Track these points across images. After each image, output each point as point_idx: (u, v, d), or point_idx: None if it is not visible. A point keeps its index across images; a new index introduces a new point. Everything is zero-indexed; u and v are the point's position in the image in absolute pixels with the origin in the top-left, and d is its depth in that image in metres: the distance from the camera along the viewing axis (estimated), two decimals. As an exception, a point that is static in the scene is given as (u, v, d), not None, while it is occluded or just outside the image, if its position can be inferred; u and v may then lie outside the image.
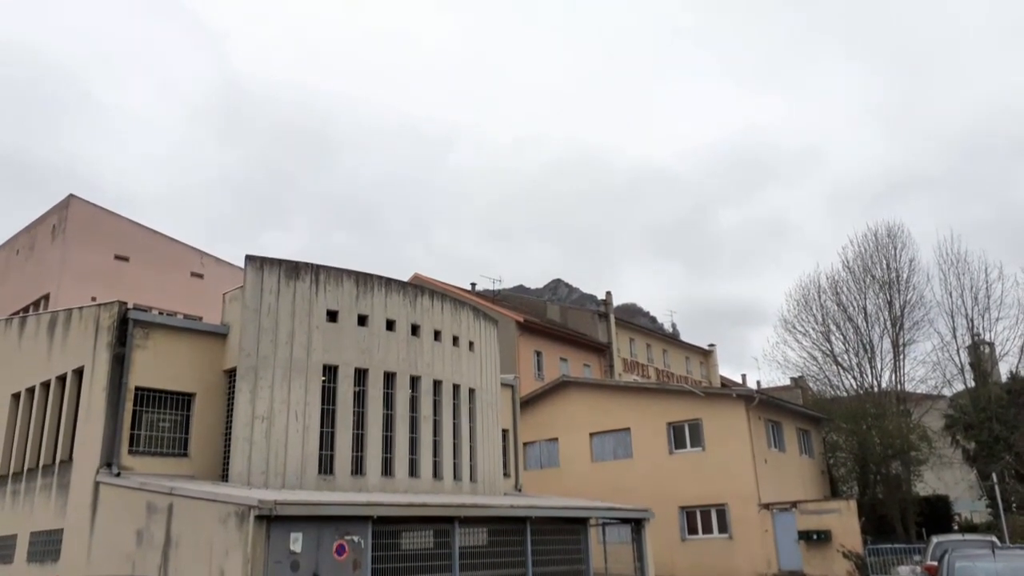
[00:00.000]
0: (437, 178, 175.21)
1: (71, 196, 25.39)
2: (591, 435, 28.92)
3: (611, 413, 28.65)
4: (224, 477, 15.60)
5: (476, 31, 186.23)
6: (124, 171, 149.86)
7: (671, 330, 62.67)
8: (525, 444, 27.29)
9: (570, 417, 29.47)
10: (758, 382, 45.69)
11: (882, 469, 30.25)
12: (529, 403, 29.38)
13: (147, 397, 15.52)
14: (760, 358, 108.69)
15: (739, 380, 55.57)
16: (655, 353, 46.74)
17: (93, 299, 20.40)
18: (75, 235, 24.82)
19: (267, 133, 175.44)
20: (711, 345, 52.89)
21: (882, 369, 31.84)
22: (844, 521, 23.89)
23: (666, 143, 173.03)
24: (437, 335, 18.98)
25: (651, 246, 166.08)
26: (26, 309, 24.38)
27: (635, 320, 59.71)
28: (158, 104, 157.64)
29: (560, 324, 43.41)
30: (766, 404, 27.38)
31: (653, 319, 79.36)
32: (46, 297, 24.25)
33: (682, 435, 27.16)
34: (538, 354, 37.24)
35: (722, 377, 52.81)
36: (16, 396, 18.18)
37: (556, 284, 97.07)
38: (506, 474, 22.38)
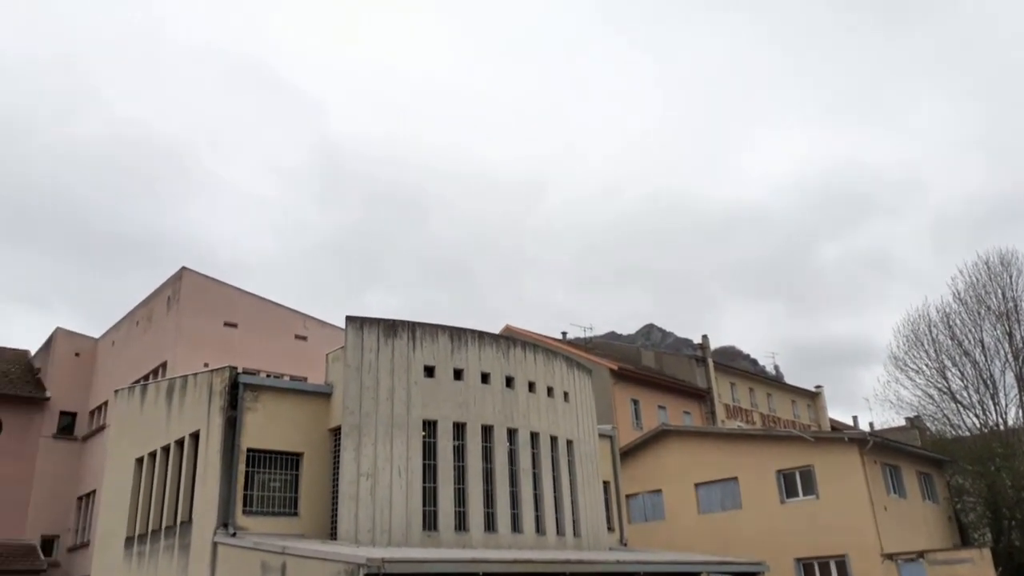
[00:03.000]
0: (526, 229, 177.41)
1: (183, 268, 27.05)
2: (696, 485, 28.00)
3: (716, 462, 27.70)
4: (333, 535, 15.90)
5: (559, 80, 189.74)
6: (233, 240, 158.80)
7: (774, 372, 60.48)
8: (628, 496, 26.67)
9: (673, 467, 28.67)
10: (871, 424, 43.35)
11: (1017, 513, 27.95)
12: (629, 454, 28.80)
13: (258, 458, 16.09)
14: (871, 398, 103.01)
15: (850, 422, 52.82)
16: (759, 397, 45.11)
17: (205, 365, 21.46)
18: (188, 305, 26.36)
19: (363, 194, 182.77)
20: (818, 387, 50.62)
21: (1007, 405, 29.71)
22: (978, 571, 22.12)
23: (759, 181, 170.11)
24: (531, 386, 18.99)
25: (748, 287, 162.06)
26: (146, 377, 25.89)
27: (735, 363, 57.95)
28: (262, 174, 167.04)
29: (656, 370, 42.61)
30: (881, 447, 25.87)
31: (754, 361, 76.79)
32: (164, 365, 25.71)
33: (793, 483, 25.94)
34: (635, 402, 36.59)
35: (832, 420, 50.35)
36: (140, 460, 19.18)
37: (649, 329, 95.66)
38: (610, 528, 21.88)
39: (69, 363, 30.12)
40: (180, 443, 17.73)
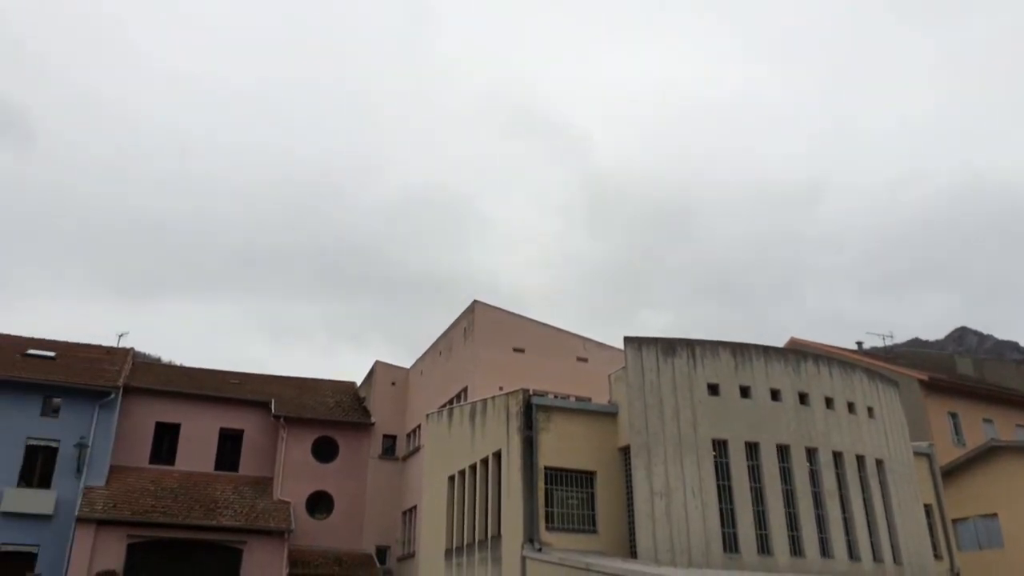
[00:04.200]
0: (803, 235, 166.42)
1: (475, 302, 29.45)
2: (1043, 509, 23.96)
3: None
4: (632, 553, 16.13)
5: (821, 76, 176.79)
6: (513, 273, 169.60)
7: None
8: (954, 521, 23.62)
9: (1010, 488, 24.83)
10: None
11: None
12: (951, 473, 25.50)
13: (555, 476, 16.90)
14: None
15: None
16: (1117, 406, 37.43)
17: (500, 388, 23.03)
18: (481, 334, 28.61)
19: (630, 216, 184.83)
20: None
21: None
22: None
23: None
24: (829, 403, 17.75)
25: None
26: (451, 401, 28.48)
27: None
28: (537, 211, 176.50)
29: (976, 379, 37.33)
30: None
31: (1105, 363, 64.01)
32: (465, 390, 28.12)
33: None
34: (953, 416, 32.32)
35: None
36: (451, 478, 21.09)
37: (961, 333, 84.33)
38: (937, 556, 19.57)
39: (387, 391, 34.14)
40: (484, 462, 19.19)
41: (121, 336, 34.13)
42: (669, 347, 17.29)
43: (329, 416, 32.70)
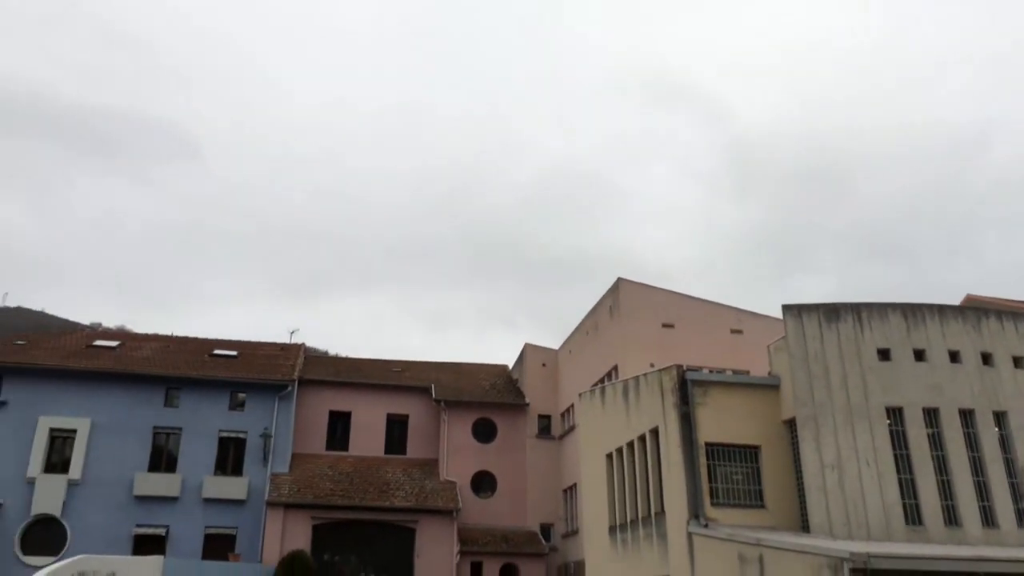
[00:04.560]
0: (973, 183, 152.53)
1: (619, 279, 29.28)
2: None
3: None
4: (804, 528, 15.63)
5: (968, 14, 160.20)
6: (659, 248, 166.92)
7: None
8: None
9: None
10: None
11: None
12: None
13: (717, 451, 16.62)
14: None
15: None
16: None
17: (651, 365, 22.84)
18: (627, 312, 28.45)
19: (779, 180, 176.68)
20: None
21: None
22: None
23: None
24: (1018, 362, 16.33)
25: None
26: (601, 380, 28.57)
27: None
28: (677, 181, 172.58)
29: None
30: None
31: None
32: (615, 368, 28.12)
33: None
34: None
35: None
36: (609, 456, 21.23)
37: None
38: None
39: (538, 372, 34.76)
40: (642, 439, 19.17)
41: (292, 333, 36.80)
42: (832, 312, 16.51)
43: (485, 398, 33.73)
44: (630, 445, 19.92)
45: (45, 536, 27.63)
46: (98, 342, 33.46)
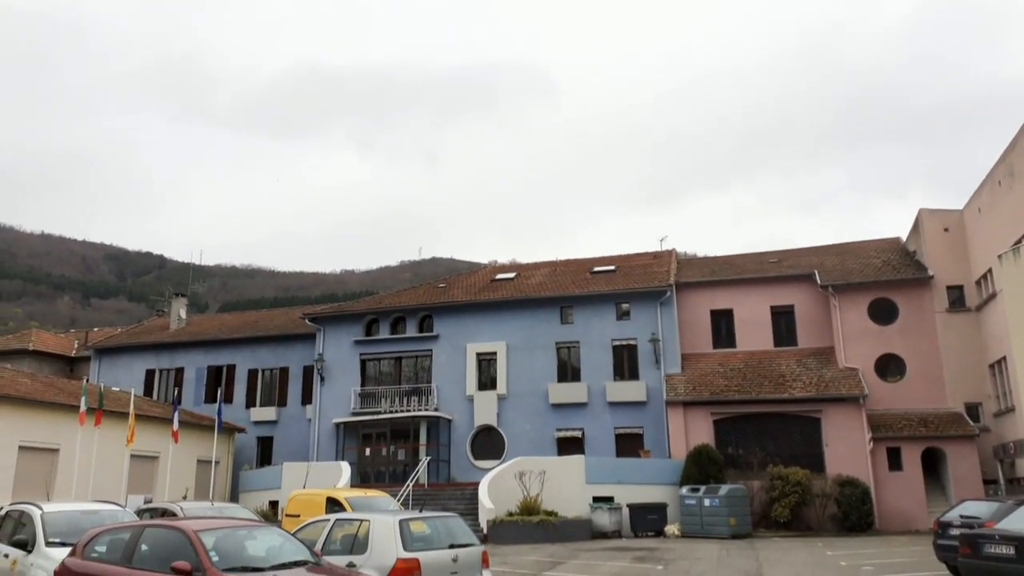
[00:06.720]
0: None
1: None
2: None
3: None
4: None
5: None
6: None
7: None
8: None
9: None
10: None
11: None
12: None
13: None
14: None
15: None
16: None
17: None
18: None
19: None
20: None
21: None
22: None
23: None
24: None
25: None
26: (1018, 241, 24.10)
27: None
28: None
29: None
30: None
31: None
32: (1042, 220, 23.45)
33: None
34: None
35: None
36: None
37: None
38: None
39: (939, 239, 30.52)
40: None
41: (662, 240, 37.81)
42: None
43: (879, 277, 30.83)
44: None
45: (487, 443, 32.79)
46: (499, 276, 38.13)
